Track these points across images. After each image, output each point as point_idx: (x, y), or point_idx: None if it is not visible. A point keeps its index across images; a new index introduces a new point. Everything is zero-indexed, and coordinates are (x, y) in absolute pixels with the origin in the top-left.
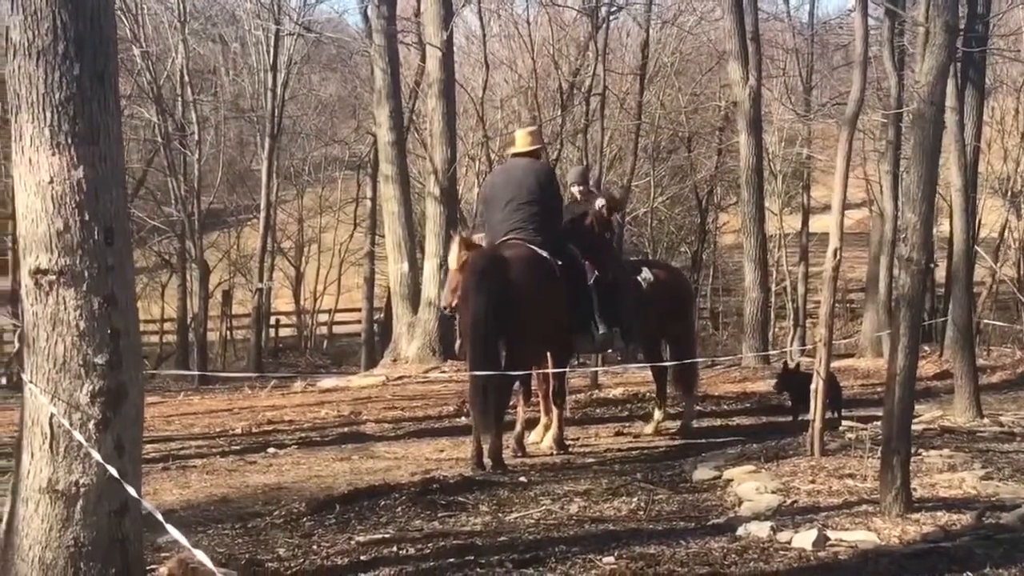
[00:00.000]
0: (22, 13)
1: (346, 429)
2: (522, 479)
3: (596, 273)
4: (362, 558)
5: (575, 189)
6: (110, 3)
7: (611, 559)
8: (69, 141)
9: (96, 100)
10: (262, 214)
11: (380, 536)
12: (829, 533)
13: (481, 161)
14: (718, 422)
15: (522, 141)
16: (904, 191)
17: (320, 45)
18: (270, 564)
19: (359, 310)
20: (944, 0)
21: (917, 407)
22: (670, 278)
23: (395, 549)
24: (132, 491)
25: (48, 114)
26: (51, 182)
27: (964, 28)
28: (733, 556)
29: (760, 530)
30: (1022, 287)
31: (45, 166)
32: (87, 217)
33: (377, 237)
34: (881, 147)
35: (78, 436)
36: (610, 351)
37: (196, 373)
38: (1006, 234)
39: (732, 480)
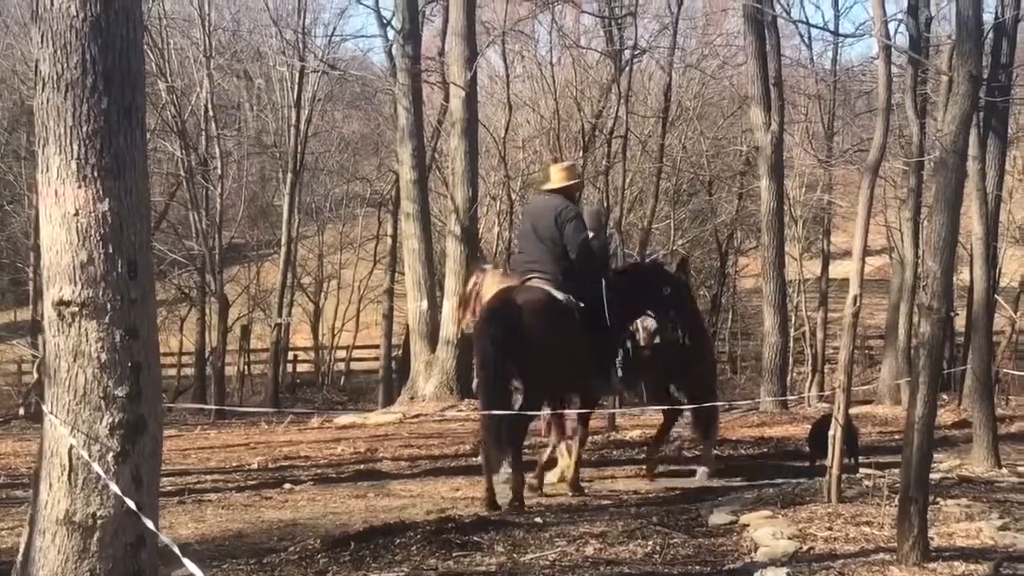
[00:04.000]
0: (52, 46)
1: (362, 466)
2: (538, 520)
3: (612, 319)
4: None
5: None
6: (139, 37)
7: None
8: (95, 174)
9: (123, 134)
10: (283, 249)
11: (395, 574)
12: None
13: (502, 201)
14: (735, 466)
15: (555, 177)
16: (926, 239)
17: (344, 83)
18: None
19: (377, 347)
20: (968, 50)
21: (935, 456)
22: None
23: None
24: (149, 524)
25: (75, 147)
26: (76, 214)
27: (987, 78)
28: None
29: None
30: None
31: (71, 198)
32: (111, 250)
33: (397, 275)
34: (902, 194)
35: (97, 468)
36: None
37: (213, 407)
38: None
39: (748, 525)
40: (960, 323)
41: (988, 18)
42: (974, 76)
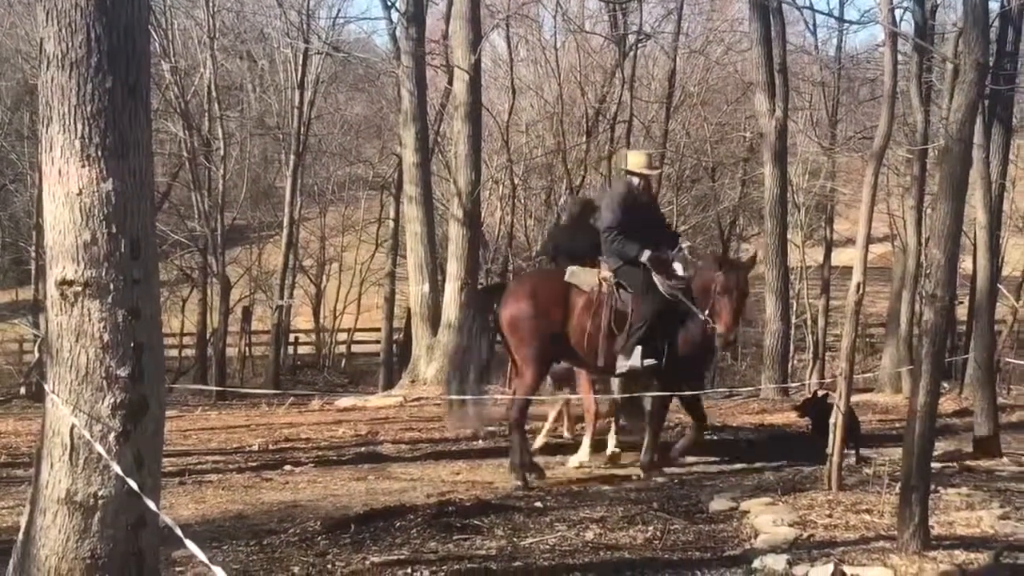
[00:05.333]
0: (57, 25)
1: (363, 449)
2: (538, 504)
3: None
4: None
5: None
6: (144, 17)
7: None
8: (99, 153)
9: (128, 113)
10: (285, 231)
11: (395, 557)
12: (845, 568)
13: (505, 185)
14: (735, 452)
15: (628, 161)
16: (930, 227)
17: (347, 65)
18: None
19: (378, 330)
20: (975, 37)
21: (936, 444)
22: None
23: (410, 571)
24: (151, 504)
25: (80, 126)
26: (80, 193)
27: (992, 66)
28: None
29: (776, 563)
30: None
31: (75, 177)
32: (115, 229)
33: (399, 258)
34: (905, 182)
35: (98, 448)
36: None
37: (214, 388)
38: None
39: (749, 512)
40: (962, 312)
41: (994, 6)
42: (981, 64)
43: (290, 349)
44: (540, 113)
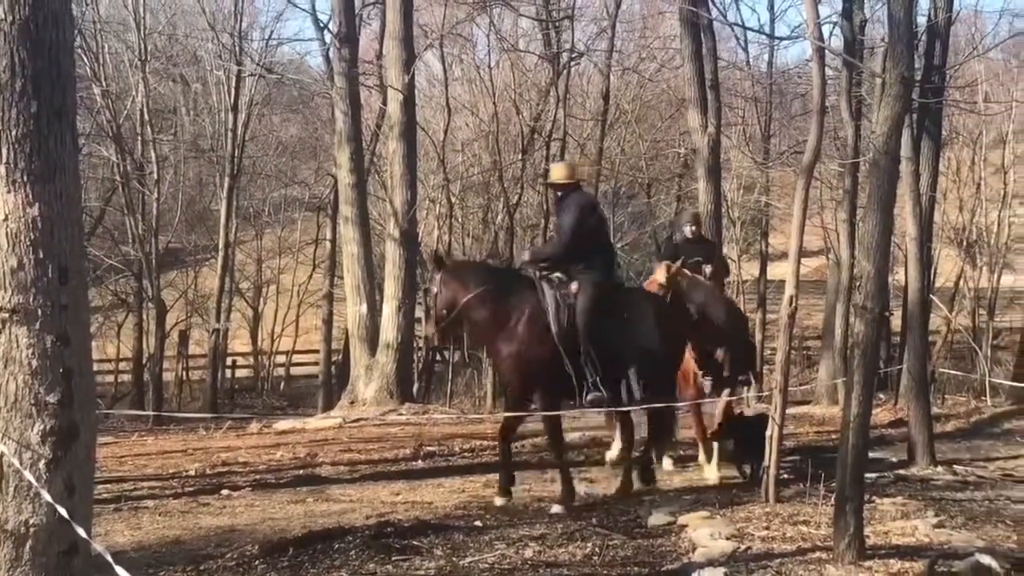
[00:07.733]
0: None
1: (301, 471)
2: (477, 523)
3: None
4: None
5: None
6: (69, 41)
7: None
8: (25, 178)
9: (53, 137)
10: (220, 254)
11: None
12: None
13: (441, 204)
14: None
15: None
16: (860, 240)
17: (281, 86)
18: None
19: (317, 352)
20: (900, 52)
21: (871, 455)
22: None
23: None
24: (82, 532)
25: (4, 151)
26: (6, 219)
27: (920, 79)
28: None
29: None
30: (976, 336)
31: (0, 203)
32: (42, 255)
33: (336, 279)
34: (838, 196)
35: (28, 476)
36: None
37: (151, 413)
38: (961, 283)
39: (687, 526)
40: (897, 323)
41: (922, 20)
42: (906, 78)
43: (228, 373)
44: (476, 132)
